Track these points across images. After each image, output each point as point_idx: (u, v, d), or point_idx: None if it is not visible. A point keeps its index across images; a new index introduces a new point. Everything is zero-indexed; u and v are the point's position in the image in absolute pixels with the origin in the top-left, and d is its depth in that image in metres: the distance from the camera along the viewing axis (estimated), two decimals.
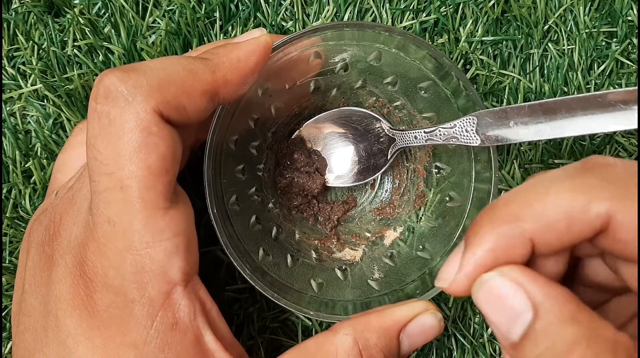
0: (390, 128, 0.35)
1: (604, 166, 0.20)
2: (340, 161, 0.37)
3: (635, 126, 0.24)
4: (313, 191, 0.36)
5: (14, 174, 0.36)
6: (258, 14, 0.38)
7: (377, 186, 0.39)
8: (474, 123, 0.29)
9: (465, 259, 0.21)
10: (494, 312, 0.20)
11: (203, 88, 0.25)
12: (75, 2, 0.37)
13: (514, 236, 0.20)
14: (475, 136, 0.29)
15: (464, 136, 0.30)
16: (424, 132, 0.32)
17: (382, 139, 0.36)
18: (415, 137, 0.33)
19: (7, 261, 0.35)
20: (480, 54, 0.38)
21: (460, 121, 0.30)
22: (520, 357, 0.20)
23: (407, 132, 0.34)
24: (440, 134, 0.31)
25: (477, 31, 0.38)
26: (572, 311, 0.19)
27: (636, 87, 0.23)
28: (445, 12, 0.38)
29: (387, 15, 0.38)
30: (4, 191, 0.36)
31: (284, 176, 0.37)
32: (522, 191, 0.21)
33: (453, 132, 0.30)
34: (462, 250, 0.21)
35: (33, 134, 0.37)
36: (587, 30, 0.39)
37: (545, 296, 0.19)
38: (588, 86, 0.39)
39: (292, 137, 0.37)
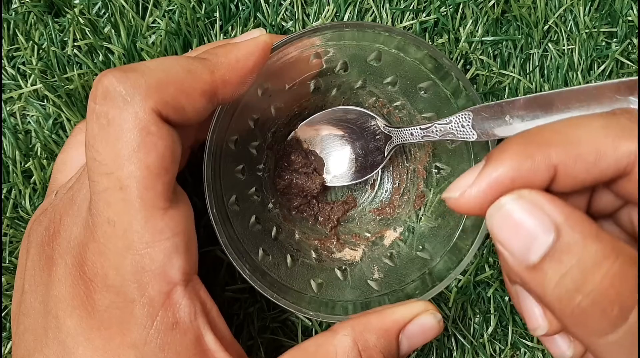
0: (386, 126, 0.35)
1: (634, 112, 0.20)
2: (337, 160, 0.37)
3: None
4: (312, 191, 0.36)
5: (14, 174, 0.36)
6: (258, 14, 0.38)
7: (377, 186, 0.39)
8: (469, 118, 0.29)
9: (483, 174, 0.20)
10: (510, 237, 0.20)
11: (202, 88, 0.25)
12: (75, 2, 0.37)
13: (540, 161, 0.20)
14: (471, 131, 0.29)
15: (460, 131, 0.30)
16: (420, 129, 0.32)
17: (378, 137, 0.36)
18: (412, 134, 0.33)
19: (7, 261, 0.35)
20: (480, 54, 0.38)
21: (456, 117, 0.30)
22: (539, 278, 0.19)
23: (403, 129, 0.34)
24: (436, 131, 0.31)
25: (477, 31, 0.38)
26: (595, 230, 0.19)
27: (631, 78, 0.23)
28: (445, 12, 0.38)
29: (387, 15, 0.38)
30: (4, 191, 0.36)
31: (283, 178, 0.37)
32: (555, 123, 0.21)
33: (449, 128, 0.30)
34: (481, 166, 0.21)
35: (33, 134, 0.37)
36: (587, 31, 0.38)
37: (566, 217, 0.19)
38: None
39: (288, 139, 0.37)
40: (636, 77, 0.23)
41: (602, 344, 0.19)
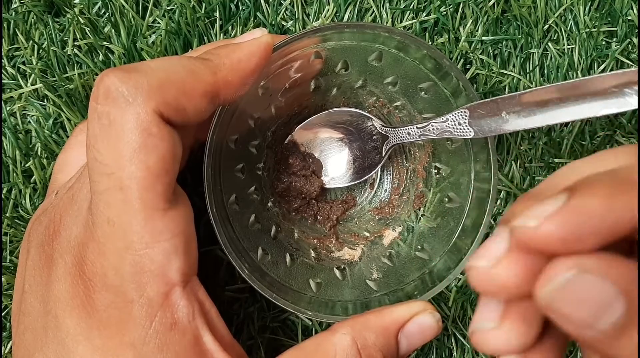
0: (382, 126, 0.35)
1: None
2: (335, 161, 0.37)
3: (626, 109, 0.24)
4: (311, 193, 0.36)
5: (14, 174, 0.36)
6: (258, 14, 0.38)
7: (376, 186, 0.39)
8: (466, 116, 0.29)
9: (571, 204, 0.17)
10: (572, 311, 0.18)
11: (204, 89, 0.25)
12: (75, 1, 0.37)
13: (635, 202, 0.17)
14: (468, 129, 0.29)
15: (457, 129, 0.30)
16: (417, 128, 0.32)
17: (375, 137, 0.36)
18: (409, 133, 0.33)
19: (8, 261, 0.35)
20: (480, 54, 0.38)
21: (453, 115, 0.30)
22: (613, 346, 0.18)
23: (399, 128, 0.34)
24: (433, 129, 0.31)
25: (477, 31, 0.38)
26: None
27: (625, 70, 0.23)
28: (445, 12, 0.38)
29: (387, 15, 0.38)
30: (4, 191, 0.36)
31: (282, 181, 0.37)
32: None
33: (446, 126, 0.30)
34: (560, 198, 0.17)
35: (33, 133, 0.37)
36: (587, 30, 0.38)
37: (630, 278, 0.17)
38: None
39: (285, 142, 0.37)
40: (631, 69, 0.23)
41: None
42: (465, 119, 0.29)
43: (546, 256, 0.18)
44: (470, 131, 0.29)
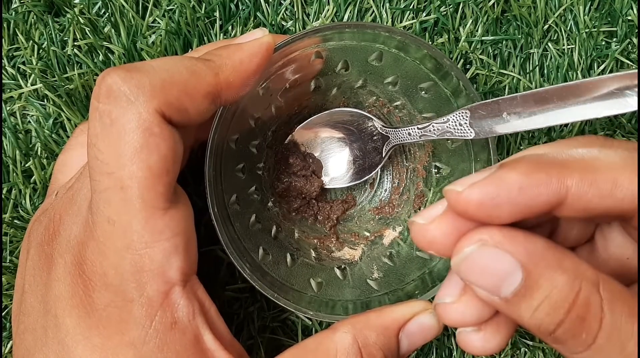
0: (383, 126, 0.35)
1: None
2: (336, 162, 0.37)
3: (627, 110, 0.24)
4: (311, 193, 0.36)
5: (14, 174, 0.36)
6: (258, 14, 0.38)
7: (376, 185, 0.39)
8: (467, 117, 0.29)
9: (494, 176, 0.20)
10: (478, 279, 0.20)
11: (206, 90, 0.25)
12: (75, 1, 0.37)
13: (554, 177, 0.19)
14: (469, 129, 0.29)
15: (457, 129, 0.30)
16: (418, 128, 0.32)
17: (375, 138, 0.36)
18: (409, 134, 0.33)
19: (8, 261, 0.35)
20: (480, 54, 0.38)
21: (453, 115, 0.30)
22: (513, 309, 0.20)
23: (400, 129, 0.34)
24: (434, 130, 0.31)
25: (477, 31, 0.38)
26: (558, 259, 0.20)
27: (626, 72, 0.24)
28: (445, 12, 0.38)
29: (387, 14, 0.38)
30: (4, 191, 0.36)
31: (282, 181, 0.37)
32: (573, 150, 0.20)
33: (447, 126, 0.30)
34: (492, 169, 0.20)
35: (33, 133, 0.37)
36: (587, 30, 0.39)
37: (530, 254, 0.19)
38: None
39: (285, 142, 0.37)
40: (632, 71, 0.23)
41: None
42: (466, 120, 0.29)
43: (475, 223, 0.20)
44: (471, 132, 0.29)
